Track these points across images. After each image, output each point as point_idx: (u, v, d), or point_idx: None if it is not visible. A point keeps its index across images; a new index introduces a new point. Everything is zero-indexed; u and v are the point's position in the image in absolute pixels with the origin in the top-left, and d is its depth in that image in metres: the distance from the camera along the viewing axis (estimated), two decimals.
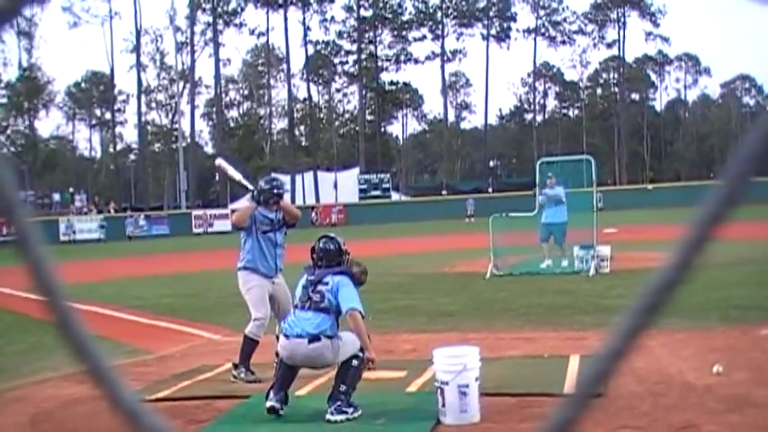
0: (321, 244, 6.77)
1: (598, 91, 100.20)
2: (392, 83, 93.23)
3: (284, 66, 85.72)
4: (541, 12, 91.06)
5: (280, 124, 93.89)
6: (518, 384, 6.97)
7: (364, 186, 70.98)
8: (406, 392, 7.05)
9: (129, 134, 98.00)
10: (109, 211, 62.48)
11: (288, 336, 6.35)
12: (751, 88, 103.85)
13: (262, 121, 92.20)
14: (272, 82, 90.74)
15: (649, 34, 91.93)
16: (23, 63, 78.88)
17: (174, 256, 32.03)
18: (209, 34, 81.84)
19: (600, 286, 14.22)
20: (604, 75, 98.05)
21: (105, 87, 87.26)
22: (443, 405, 6.02)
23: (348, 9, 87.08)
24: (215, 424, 6.42)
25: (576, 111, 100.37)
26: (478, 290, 14.89)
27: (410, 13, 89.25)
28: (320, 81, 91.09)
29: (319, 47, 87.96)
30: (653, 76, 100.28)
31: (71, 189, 71.50)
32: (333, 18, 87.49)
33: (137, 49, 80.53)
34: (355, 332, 6.35)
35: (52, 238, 48.35)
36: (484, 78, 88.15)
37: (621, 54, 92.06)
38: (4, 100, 79.59)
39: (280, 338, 6.45)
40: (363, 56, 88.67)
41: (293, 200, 71.02)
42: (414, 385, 7.24)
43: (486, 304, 12.88)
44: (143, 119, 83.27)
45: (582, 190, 18.16)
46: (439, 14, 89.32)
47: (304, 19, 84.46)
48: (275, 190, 8.23)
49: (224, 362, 8.54)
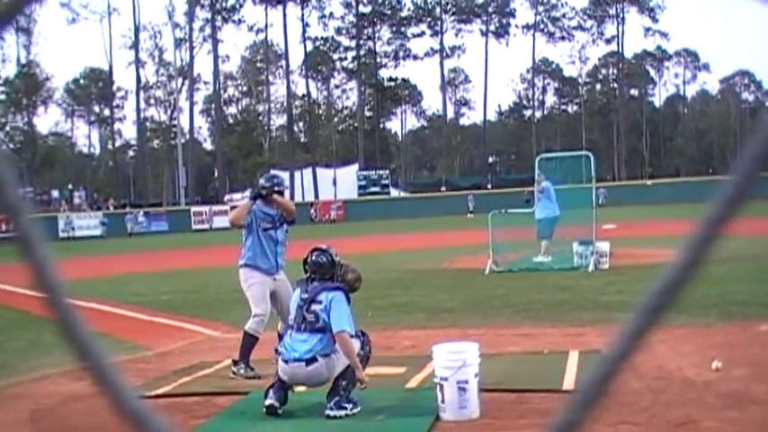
0: (313, 257, 6.68)
1: (597, 87, 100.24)
2: (391, 79, 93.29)
3: (283, 62, 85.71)
4: (540, 8, 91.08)
5: (279, 121, 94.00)
6: (517, 380, 6.98)
7: (363, 183, 71.03)
8: (406, 388, 7.06)
9: (128, 131, 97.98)
10: (108, 208, 62.48)
11: (287, 361, 6.36)
12: (750, 84, 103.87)
13: (261, 118, 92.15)
14: (271, 78, 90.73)
15: (648, 30, 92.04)
16: (22, 59, 78.95)
17: (174, 253, 32.04)
18: (207, 30, 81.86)
19: (599, 282, 14.22)
20: (603, 71, 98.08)
21: (104, 84, 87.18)
22: (443, 401, 6.02)
23: (347, 5, 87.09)
24: (214, 420, 6.43)
25: (575, 107, 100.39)
26: (478, 286, 14.89)
27: (409, 10, 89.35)
28: (319, 77, 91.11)
29: (318, 43, 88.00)
30: (652, 72, 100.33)
31: (70, 186, 71.49)
32: (331, 14, 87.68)
33: (135, 46, 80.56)
34: (344, 354, 6.33)
35: (51, 235, 48.35)
36: (483, 74, 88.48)
37: (620, 50, 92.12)
38: (3, 97, 79.55)
39: (279, 362, 6.45)
40: (362, 52, 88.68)
41: (292, 196, 71.07)
42: (413, 381, 7.25)
43: (485, 300, 12.88)
44: (142, 115, 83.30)
45: (581, 186, 18.16)
46: (438, 10, 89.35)
47: (303, 15, 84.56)
48: (275, 187, 8.25)
49: (223, 358, 8.54)
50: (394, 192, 74.24)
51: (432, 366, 6.45)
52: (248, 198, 8.27)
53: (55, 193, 68.25)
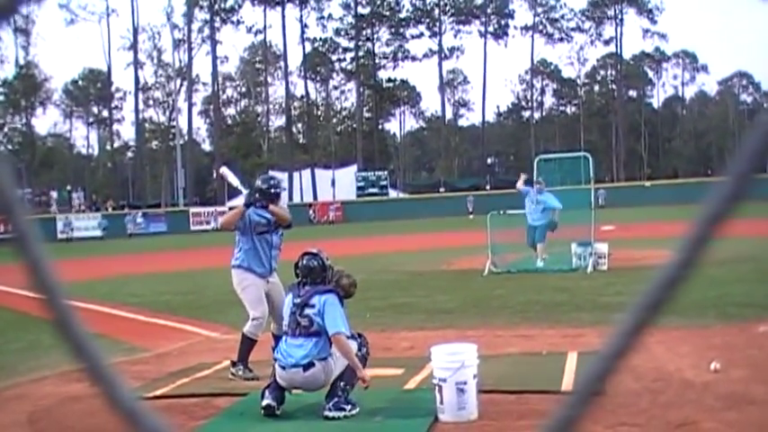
0: (304, 261, 6.65)
1: (595, 88, 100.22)
2: (390, 80, 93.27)
3: (282, 63, 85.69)
4: (539, 9, 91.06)
5: (277, 122, 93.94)
6: (516, 381, 6.98)
7: (362, 184, 71.02)
8: (404, 390, 7.06)
9: (127, 132, 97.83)
10: (106, 209, 62.44)
11: (284, 367, 6.35)
12: (748, 85, 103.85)
13: (259, 119, 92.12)
14: (270, 79, 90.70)
15: (647, 31, 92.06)
16: (20, 60, 78.85)
17: (172, 254, 32.02)
18: (206, 32, 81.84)
19: (598, 283, 14.23)
20: (602, 72, 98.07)
21: (102, 85, 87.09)
22: (441, 402, 6.02)
23: (345, 6, 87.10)
24: (213, 421, 6.42)
25: (574, 108, 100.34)
26: (476, 287, 14.88)
27: (407, 11, 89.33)
28: (318, 78, 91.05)
29: (317, 44, 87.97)
30: (650, 74, 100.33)
31: (68, 187, 71.43)
32: (330, 15, 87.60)
33: (134, 47, 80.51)
34: (342, 355, 6.32)
35: (49, 237, 48.32)
36: (481, 75, 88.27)
37: (619, 51, 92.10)
38: (2, 98, 79.51)
39: (276, 368, 6.43)
40: (361, 53, 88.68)
41: (291, 197, 71.09)
42: (411, 382, 7.25)
43: (483, 301, 12.88)
44: (140, 116, 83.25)
45: (580, 187, 18.15)
46: (436, 12, 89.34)
47: (301, 16, 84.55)
48: (272, 189, 8.17)
49: (222, 359, 8.54)
50: (392, 193, 74.23)
51: (430, 367, 6.45)
52: (242, 204, 8.20)
53: (53, 195, 68.23)
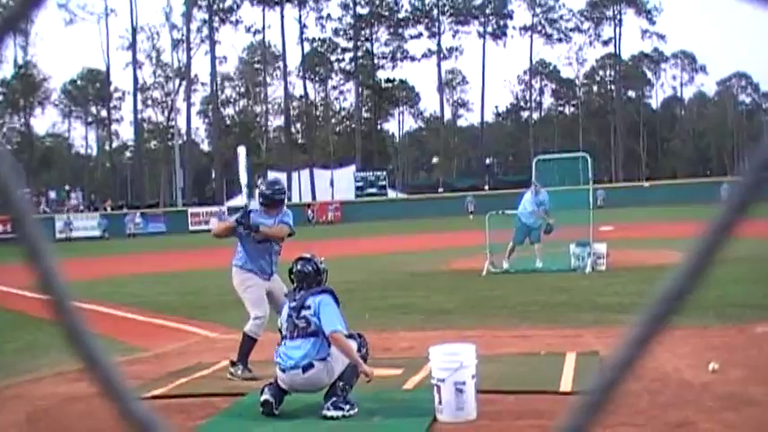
0: (298, 266, 6.68)
1: (594, 88, 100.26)
2: (388, 80, 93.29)
3: (280, 63, 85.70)
4: (538, 9, 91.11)
5: (276, 122, 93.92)
6: (515, 382, 6.98)
7: (361, 184, 71.02)
8: (403, 390, 7.05)
9: (125, 132, 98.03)
10: (105, 209, 62.40)
11: (284, 369, 6.37)
12: (747, 86, 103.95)
13: (258, 119, 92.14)
14: (269, 79, 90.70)
15: (645, 32, 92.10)
16: (19, 60, 78.84)
17: (171, 254, 32.00)
18: (205, 31, 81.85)
19: (596, 284, 14.23)
20: (601, 72, 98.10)
21: (101, 85, 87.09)
22: (440, 402, 6.02)
23: (344, 6, 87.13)
24: (212, 421, 6.42)
25: (573, 108, 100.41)
26: (475, 287, 14.88)
27: (406, 11, 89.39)
28: (316, 78, 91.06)
29: (316, 44, 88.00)
30: (649, 74, 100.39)
31: (67, 187, 71.37)
32: (329, 15, 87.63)
33: (133, 47, 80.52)
34: (342, 352, 6.33)
35: (48, 236, 48.25)
36: (480, 76, 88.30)
37: (618, 52, 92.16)
38: (0, 98, 79.46)
39: (277, 372, 6.46)
40: (360, 53, 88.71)
41: (289, 197, 71.00)
42: (410, 383, 7.24)
43: (482, 302, 12.87)
44: (139, 116, 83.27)
45: (578, 187, 18.16)
46: (435, 12, 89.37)
47: (300, 16, 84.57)
48: (276, 195, 8.22)
49: (221, 359, 8.54)
50: (391, 193, 74.23)
51: (429, 368, 6.45)
52: (234, 220, 8.17)
53: (52, 194, 68.19)
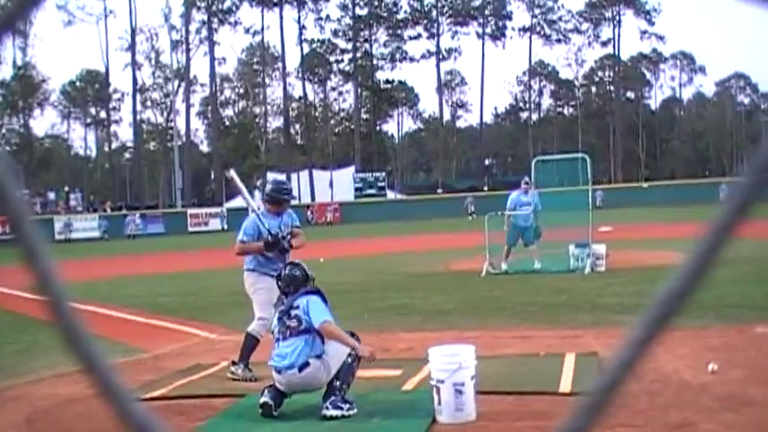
0: (287, 271, 6.81)
1: (593, 89, 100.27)
2: (387, 81, 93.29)
3: (279, 64, 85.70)
4: (537, 10, 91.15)
5: (275, 123, 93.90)
6: (514, 383, 6.97)
7: (360, 185, 71.01)
8: (402, 391, 7.05)
9: (125, 133, 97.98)
10: (104, 210, 62.41)
11: (279, 370, 6.40)
12: (746, 87, 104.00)
13: (257, 120, 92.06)
14: (268, 80, 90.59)
15: (644, 33, 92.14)
16: (18, 62, 78.81)
17: (170, 255, 32.00)
18: (204, 33, 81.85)
19: (595, 285, 14.23)
20: (599, 73, 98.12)
21: (100, 86, 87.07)
22: (439, 403, 6.01)
23: (343, 7, 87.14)
24: (211, 422, 6.42)
25: (572, 109, 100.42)
26: (474, 288, 14.88)
27: (405, 12, 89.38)
28: (316, 80, 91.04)
29: (315, 45, 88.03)
30: (648, 75, 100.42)
31: (66, 188, 71.37)
32: (328, 16, 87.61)
33: (132, 48, 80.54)
34: (336, 340, 6.36)
35: (47, 238, 48.23)
36: (479, 77, 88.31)
37: (616, 52, 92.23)
38: None
39: (273, 374, 6.49)
40: (359, 54, 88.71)
41: (294, 197, 70.82)
42: (409, 384, 7.24)
43: (481, 303, 12.87)
44: (138, 117, 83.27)
45: (577, 188, 18.16)
46: (434, 13, 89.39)
47: (299, 17, 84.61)
48: (284, 195, 8.36)
49: (220, 360, 8.53)
50: (390, 194, 74.25)
51: (428, 369, 6.45)
52: (263, 245, 8.07)
53: (51, 196, 68.18)
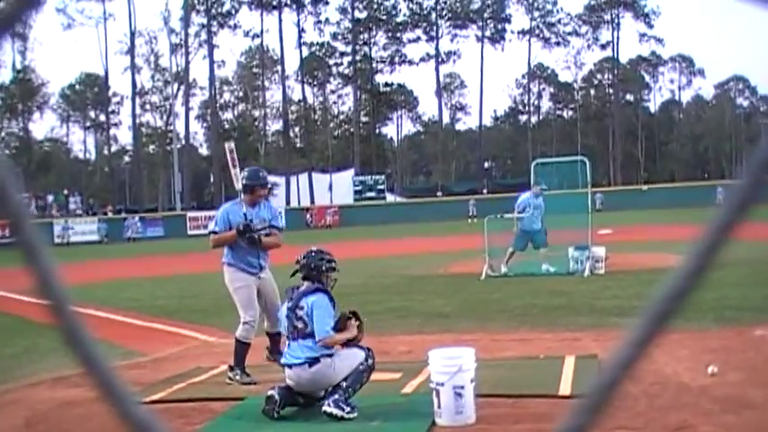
0: (311, 257, 6.78)
1: (592, 92, 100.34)
2: (387, 84, 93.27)
3: (279, 67, 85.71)
4: (536, 13, 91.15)
5: (274, 126, 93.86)
6: (513, 385, 6.97)
7: (359, 188, 70.98)
8: (402, 394, 7.05)
9: (124, 136, 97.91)
10: (105, 213, 62.40)
11: (290, 366, 6.46)
12: (745, 89, 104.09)
13: (256, 123, 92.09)
14: (267, 84, 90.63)
15: (643, 35, 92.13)
16: (17, 65, 78.83)
17: (169, 258, 31.99)
18: (203, 36, 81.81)
19: (595, 287, 14.23)
20: (599, 76, 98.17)
21: (99, 89, 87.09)
22: (439, 406, 6.01)
23: (342, 11, 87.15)
24: (210, 426, 6.41)
25: (571, 112, 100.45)
26: (474, 291, 14.88)
27: (404, 15, 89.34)
28: (315, 83, 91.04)
29: (314, 48, 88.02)
30: (647, 78, 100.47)
31: (65, 191, 71.33)
32: (327, 20, 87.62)
33: (131, 51, 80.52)
34: (339, 345, 6.45)
35: (46, 241, 48.29)
36: (478, 80, 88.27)
37: (615, 55, 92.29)
38: None
39: (285, 369, 6.52)
40: (358, 57, 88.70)
41: (288, 201, 71.10)
42: (409, 386, 7.24)
43: (481, 305, 12.87)
44: (137, 121, 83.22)
45: (577, 191, 18.17)
46: (433, 16, 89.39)
47: (298, 21, 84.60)
48: (260, 181, 8.33)
49: (219, 364, 8.53)
50: (390, 197, 74.25)
51: (428, 372, 6.45)
52: (236, 232, 8.07)
53: (50, 199, 68.15)
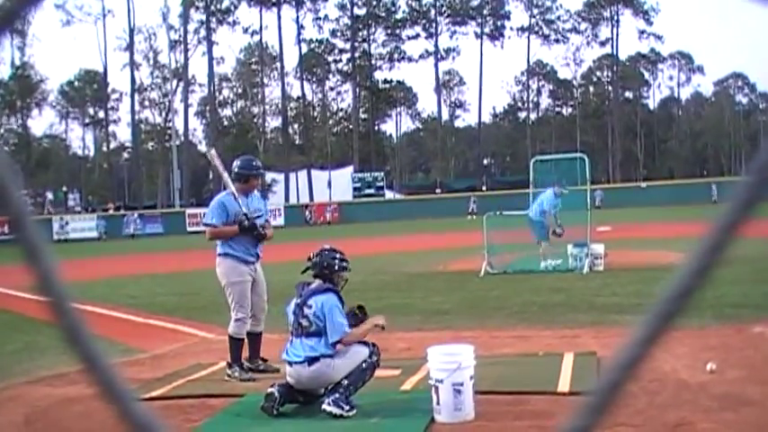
0: (319, 257, 6.73)
1: (591, 89, 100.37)
2: (386, 81, 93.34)
3: (278, 64, 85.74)
4: (535, 10, 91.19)
5: (273, 123, 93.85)
6: (512, 382, 6.97)
7: (358, 185, 71.02)
8: (401, 391, 7.05)
9: (123, 133, 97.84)
10: (106, 210, 62.40)
11: (291, 363, 6.46)
12: (744, 86, 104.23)
13: (255, 120, 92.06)
14: (266, 80, 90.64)
15: (642, 32, 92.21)
16: (16, 61, 78.81)
17: (168, 255, 31.98)
18: (202, 32, 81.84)
19: (594, 284, 14.24)
20: (598, 73, 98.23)
21: (98, 86, 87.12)
22: (438, 403, 6.02)
23: (341, 7, 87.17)
24: (209, 422, 6.41)
25: (570, 109, 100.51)
26: (473, 288, 14.88)
27: (404, 12, 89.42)
28: (314, 79, 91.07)
29: (313, 45, 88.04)
30: (646, 75, 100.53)
31: (64, 188, 71.34)
32: (326, 16, 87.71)
33: (130, 48, 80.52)
34: (357, 343, 6.48)
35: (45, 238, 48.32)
36: (478, 76, 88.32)
37: (615, 52, 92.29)
38: None
39: (285, 366, 6.54)
40: (357, 54, 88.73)
41: (287, 198, 71.14)
42: (408, 383, 7.24)
43: (480, 302, 12.87)
44: (136, 117, 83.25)
45: (576, 188, 18.17)
46: (432, 13, 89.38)
47: (297, 17, 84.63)
48: (255, 171, 8.45)
49: (218, 360, 8.53)
50: (389, 194, 74.27)
51: (427, 368, 6.45)
52: (238, 227, 8.06)
53: (49, 195, 68.18)
